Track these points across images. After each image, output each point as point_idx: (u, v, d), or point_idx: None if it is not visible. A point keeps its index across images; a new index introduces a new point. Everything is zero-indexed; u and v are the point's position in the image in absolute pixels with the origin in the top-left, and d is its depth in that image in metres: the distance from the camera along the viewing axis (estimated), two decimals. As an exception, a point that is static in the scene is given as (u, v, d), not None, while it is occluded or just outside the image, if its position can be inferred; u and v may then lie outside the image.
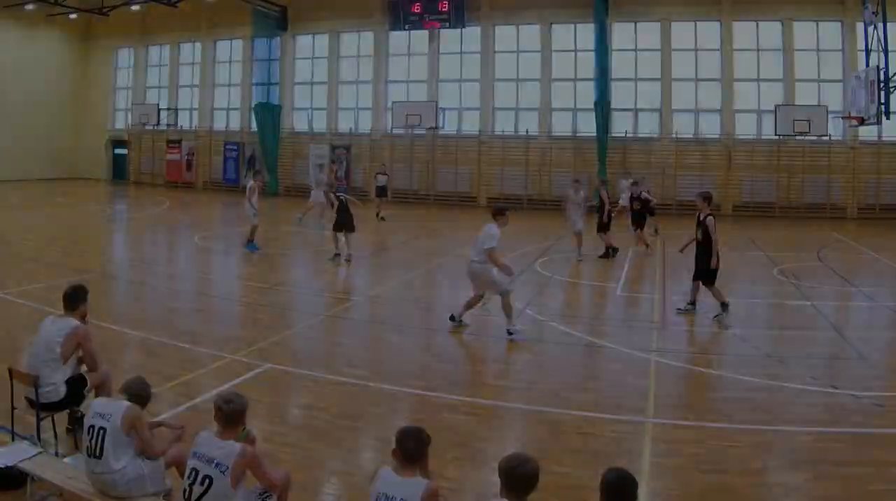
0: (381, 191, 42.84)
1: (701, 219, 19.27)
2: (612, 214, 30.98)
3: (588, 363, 16.47)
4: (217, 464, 7.62)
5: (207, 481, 7.60)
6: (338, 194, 28.42)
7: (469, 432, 11.87)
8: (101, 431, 8.40)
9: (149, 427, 8.88)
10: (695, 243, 19.70)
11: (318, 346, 17.20)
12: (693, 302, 19.88)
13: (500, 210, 17.65)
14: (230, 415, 7.87)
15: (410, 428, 7.51)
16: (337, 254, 27.52)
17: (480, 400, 13.31)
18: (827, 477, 10.22)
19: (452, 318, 18.02)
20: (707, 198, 19.70)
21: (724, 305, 19.35)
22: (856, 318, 20.69)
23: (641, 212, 31.55)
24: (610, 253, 29.70)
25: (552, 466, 10.23)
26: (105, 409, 8.53)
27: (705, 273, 19.27)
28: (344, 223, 27.59)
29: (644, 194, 32.12)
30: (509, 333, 17.16)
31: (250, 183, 29.61)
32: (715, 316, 19.26)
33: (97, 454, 8.35)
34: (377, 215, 41.38)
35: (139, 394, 8.78)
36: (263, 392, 13.44)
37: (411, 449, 7.30)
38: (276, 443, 11.10)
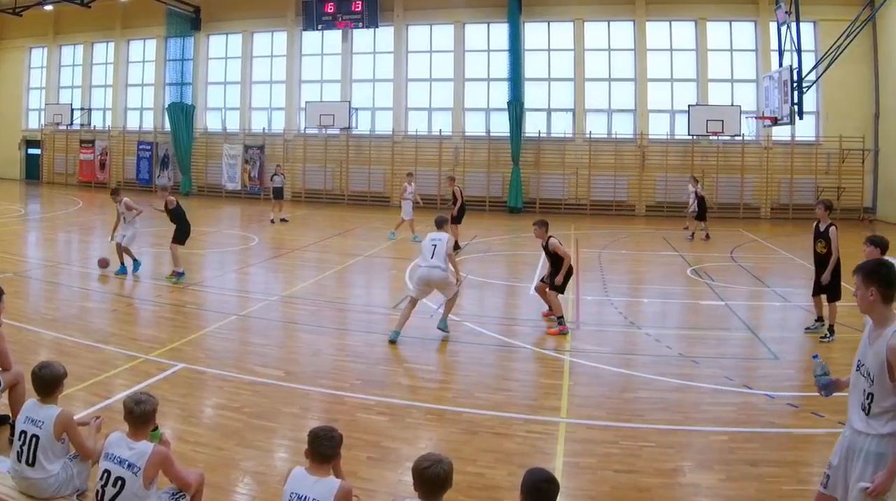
0: (278, 193, 42.00)
1: (822, 229, 18.35)
2: (464, 209, 32.69)
3: (502, 363, 16.42)
4: (129, 465, 7.61)
5: (120, 483, 7.58)
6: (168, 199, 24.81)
7: (382, 432, 11.84)
8: (34, 439, 8.41)
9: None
10: (818, 253, 18.51)
11: (231, 346, 17.02)
12: (820, 319, 18.58)
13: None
14: (141, 416, 7.84)
15: (323, 428, 7.53)
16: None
17: (394, 400, 13.28)
18: (740, 478, 10.30)
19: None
20: (829, 206, 18.60)
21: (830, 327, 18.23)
22: (769, 318, 20.79)
23: None
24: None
25: (466, 466, 10.32)
26: (37, 415, 8.51)
27: (832, 287, 18.05)
28: (182, 234, 24.59)
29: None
30: None
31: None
32: (808, 329, 18.72)
33: (29, 461, 8.37)
34: (272, 220, 40.85)
35: (56, 378, 8.73)
36: (177, 392, 13.36)
37: (324, 449, 7.33)
38: (190, 443, 11.06)
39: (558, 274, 18.64)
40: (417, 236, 33.63)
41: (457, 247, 30.32)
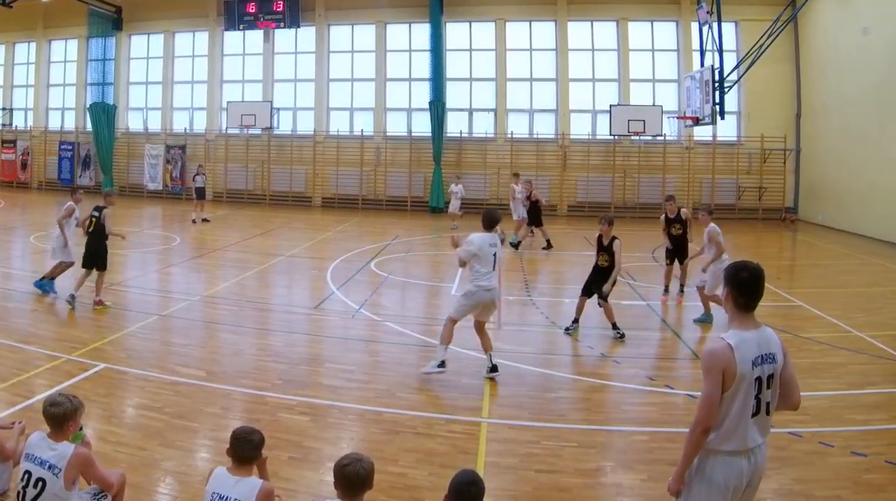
0: (200, 193, 42.01)
1: (605, 243, 18.69)
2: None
3: (423, 363, 16.09)
4: (50, 466, 7.62)
5: (41, 484, 7.58)
6: (93, 213, 20.93)
7: (304, 432, 11.90)
8: None
9: None
10: (599, 266, 18.92)
11: (153, 346, 16.95)
12: (577, 320, 18.86)
13: None
14: (59, 418, 7.84)
15: (245, 429, 7.60)
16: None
17: (316, 400, 13.33)
18: (662, 478, 10.20)
19: None
20: (611, 221, 18.99)
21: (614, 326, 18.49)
22: (690, 318, 20.89)
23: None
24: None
25: (388, 466, 10.42)
26: None
27: (603, 295, 18.38)
28: (98, 255, 20.78)
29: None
30: None
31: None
32: (566, 329, 18.89)
33: (-53, 463, 8.28)
34: (194, 220, 40.75)
35: None
36: (98, 392, 13.31)
37: (246, 449, 7.41)
38: (111, 443, 11.05)
39: None
40: (514, 237, 33.53)
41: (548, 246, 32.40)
